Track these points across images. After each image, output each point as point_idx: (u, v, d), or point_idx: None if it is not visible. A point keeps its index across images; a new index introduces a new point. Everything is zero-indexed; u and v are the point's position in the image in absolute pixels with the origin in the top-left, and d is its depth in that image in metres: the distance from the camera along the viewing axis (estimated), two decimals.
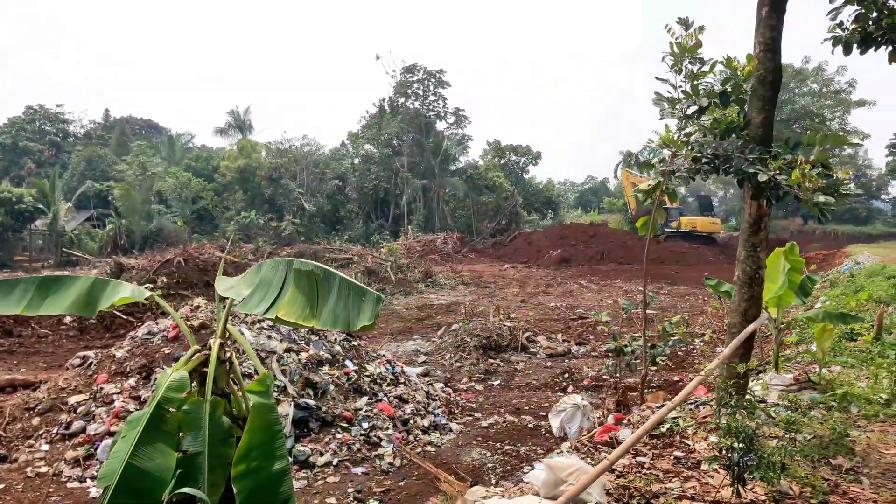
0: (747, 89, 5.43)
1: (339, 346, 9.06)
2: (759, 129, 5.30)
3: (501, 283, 27.47)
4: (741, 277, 5.57)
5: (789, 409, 5.34)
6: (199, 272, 18.98)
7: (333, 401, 8.15)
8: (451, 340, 13.94)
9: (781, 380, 6.72)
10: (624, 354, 7.65)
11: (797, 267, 6.89)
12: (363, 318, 3.05)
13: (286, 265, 3.38)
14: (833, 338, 7.35)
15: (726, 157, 5.02)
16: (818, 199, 4.42)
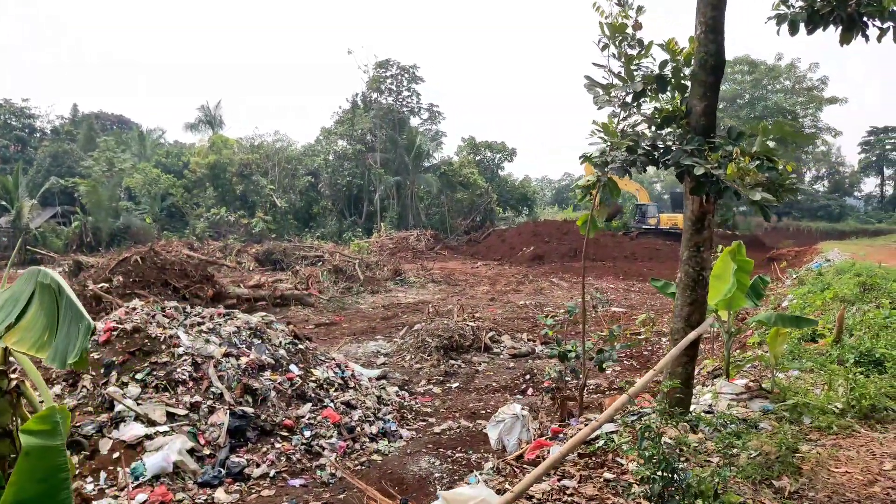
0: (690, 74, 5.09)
1: (283, 350, 8.64)
2: (700, 118, 4.96)
3: (473, 280, 27.15)
4: (684, 279, 5.24)
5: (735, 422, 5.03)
6: (157, 271, 18.36)
7: (274, 408, 7.73)
8: (413, 341, 13.55)
9: (732, 387, 6.43)
10: (567, 360, 7.30)
11: (745, 268, 6.59)
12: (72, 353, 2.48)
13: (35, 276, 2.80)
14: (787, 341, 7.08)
15: (665, 148, 4.68)
16: (754, 196, 4.10)
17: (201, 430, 7.13)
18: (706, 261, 5.18)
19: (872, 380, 6.25)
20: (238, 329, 8.52)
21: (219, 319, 8.68)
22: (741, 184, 4.13)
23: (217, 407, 7.34)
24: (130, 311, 8.43)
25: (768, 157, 4.52)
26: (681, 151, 4.49)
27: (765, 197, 4.07)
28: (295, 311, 19.11)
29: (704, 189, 4.48)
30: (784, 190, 4.48)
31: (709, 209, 5.00)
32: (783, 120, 7.36)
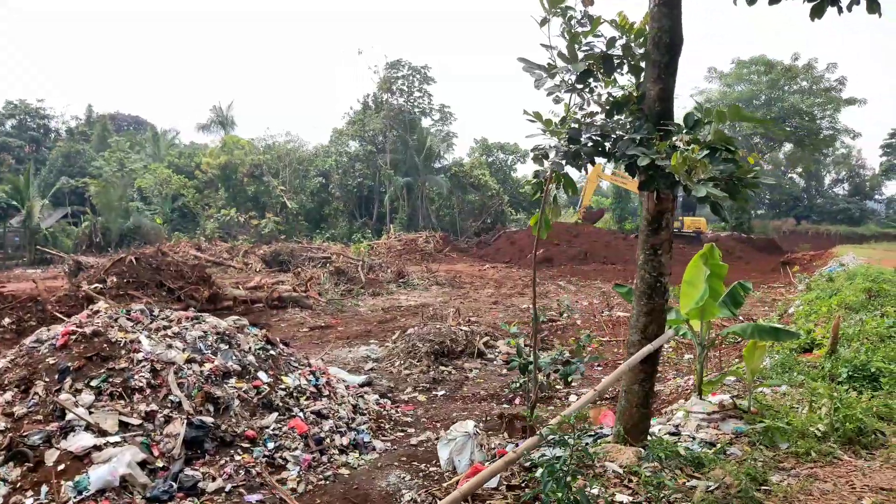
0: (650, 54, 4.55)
1: (252, 356, 8.23)
2: (655, 104, 4.46)
3: (478, 283, 26.67)
4: (640, 286, 4.76)
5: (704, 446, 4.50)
6: (152, 272, 18.11)
7: (237, 418, 7.32)
8: (403, 346, 13.11)
9: (704, 406, 5.89)
10: (529, 372, 6.80)
11: (719, 273, 6.05)
12: None
13: None
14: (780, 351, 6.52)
15: (617, 138, 4.20)
16: (699, 192, 3.61)
17: (155, 440, 6.73)
18: (664, 265, 4.68)
19: (862, 398, 5.70)
20: (205, 334, 8.13)
21: (186, 323, 8.29)
22: (686, 177, 3.65)
23: (174, 416, 6.94)
24: (93, 314, 8.07)
25: (728, 148, 4.02)
26: (628, 141, 4.00)
27: (712, 193, 3.58)
28: (292, 314, 18.76)
29: (654, 184, 3.99)
30: (745, 185, 3.98)
31: (667, 207, 4.51)
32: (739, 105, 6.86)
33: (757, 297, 20.45)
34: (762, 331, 6.11)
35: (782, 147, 53.74)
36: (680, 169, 3.68)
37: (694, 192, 3.68)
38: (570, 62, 4.39)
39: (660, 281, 4.67)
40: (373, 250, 35.12)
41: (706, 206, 4.19)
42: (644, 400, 4.96)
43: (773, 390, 6.52)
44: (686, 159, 3.65)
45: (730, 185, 3.91)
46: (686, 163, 3.65)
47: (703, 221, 41.65)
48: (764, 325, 6.43)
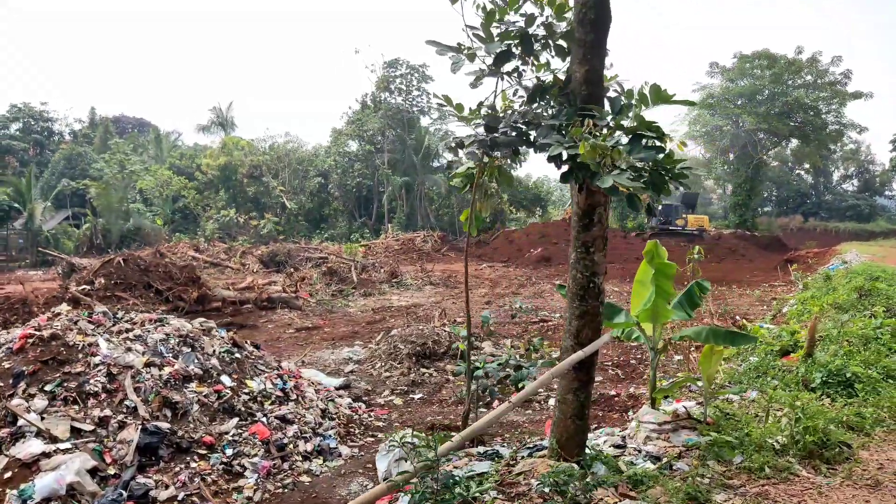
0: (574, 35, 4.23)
1: (216, 358, 8.05)
2: (582, 87, 4.17)
3: (473, 283, 26.43)
4: (572, 287, 4.52)
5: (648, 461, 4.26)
6: (140, 273, 17.99)
7: (195, 423, 7.15)
8: (386, 348, 12.92)
9: (656, 416, 5.62)
10: (476, 378, 6.55)
11: (667, 272, 5.79)
12: None
13: None
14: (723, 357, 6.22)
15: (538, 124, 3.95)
16: (605, 182, 3.38)
17: (108, 447, 6.57)
18: (598, 264, 4.44)
19: (835, 406, 5.43)
20: (167, 336, 7.96)
21: (149, 326, 8.13)
22: (595, 166, 3.42)
23: (129, 422, 6.77)
24: (53, 317, 7.92)
25: (658, 136, 3.77)
26: (547, 128, 3.75)
27: (620, 183, 3.34)
28: (280, 315, 18.60)
29: (575, 175, 3.74)
30: (671, 176, 3.74)
31: (599, 200, 4.27)
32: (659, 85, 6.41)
33: (756, 297, 20.16)
34: (717, 334, 5.83)
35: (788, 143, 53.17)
36: (589, 157, 3.44)
37: (599, 182, 3.44)
38: (484, 42, 4.12)
39: (593, 281, 4.42)
40: (370, 250, 34.97)
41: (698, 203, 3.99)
42: (579, 411, 4.71)
43: (741, 397, 6.27)
44: (595, 147, 3.42)
45: (655, 176, 3.67)
46: (596, 151, 3.42)
47: (705, 219, 41.19)
48: (719, 328, 6.16)
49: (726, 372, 7.55)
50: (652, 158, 3.62)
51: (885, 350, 7.62)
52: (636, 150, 3.57)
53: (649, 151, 3.65)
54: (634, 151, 3.58)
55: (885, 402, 6.02)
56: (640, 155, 3.57)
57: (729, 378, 7.28)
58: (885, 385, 6.46)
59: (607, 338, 4.89)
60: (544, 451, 5.02)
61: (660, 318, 5.98)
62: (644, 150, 3.63)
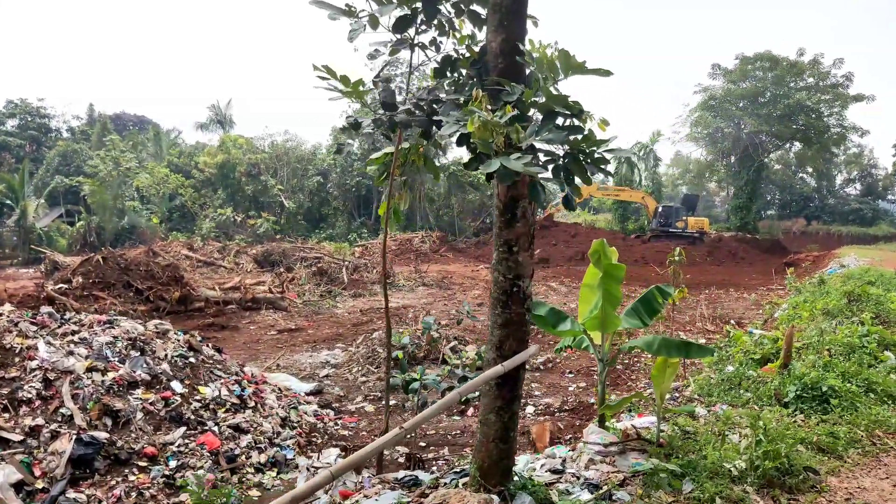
0: None
1: (167, 363, 7.55)
2: (497, 59, 3.67)
3: (469, 284, 25.96)
4: (494, 292, 4.03)
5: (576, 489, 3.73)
6: (120, 272, 17.51)
7: (138, 433, 6.65)
8: (364, 351, 12.43)
9: (603, 436, 5.09)
10: (412, 391, 6.03)
11: (614, 275, 5.26)
12: None
13: None
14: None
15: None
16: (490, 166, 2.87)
17: (38, 458, 6.09)
18: (522, 265, 3.93)
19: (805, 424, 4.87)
20: (114, 339, 7.47)
21: (97, 328, 7.64)
22: (484, 146, 2.91)
23: (63, 431, 6.28)
24: None
25: (574, 113, 3.26)
26: (450, 104, 3.24)
27: (512, 167, 2.82)
28: (264, 316, 18.11)
29: (481, 159, 3.21)
30: (591, 161, 3.22)
31: (522, 192, 3.77)
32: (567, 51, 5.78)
33: (752, 300, 19.62)
34: (669, 346, 5.27)
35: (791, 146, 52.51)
36: (480, 137, 2.94)
37: (484, 167, 2.93)
38: (379, 4, 3.58)
39: (517, 285, 3.91)
40: (367, 250, 34.45)
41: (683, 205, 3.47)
42: (503, 433, 4.20)
43: (708, 411, 5.73)
44: (486, 125, 2.91)
45: (571, 161, 3.15)
46: (487, 129, 2.91)
47: (705, 221, 40.51)
48: (671, 338, 5.58)
49: (698, 382, 7.01)
50: (561, 139, 3.10)
51: (869, 360, 7.08)
52: (545, 130, 3.05)
53: (560, 132, 3.13)
54: (543, 131, 3.06)
55: (862, 420, 5.48)
56: (548, 135, 3.05)
57: (699, 389, 6.74)
58: (865, 400, 5.94)
59: (533, 350, 4.35)
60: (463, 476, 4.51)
61: (609, 327, 5.43)
62: (556, 129, 3.11)
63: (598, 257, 5.35)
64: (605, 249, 5.29)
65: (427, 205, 46.17)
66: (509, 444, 4.26)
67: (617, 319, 5.38)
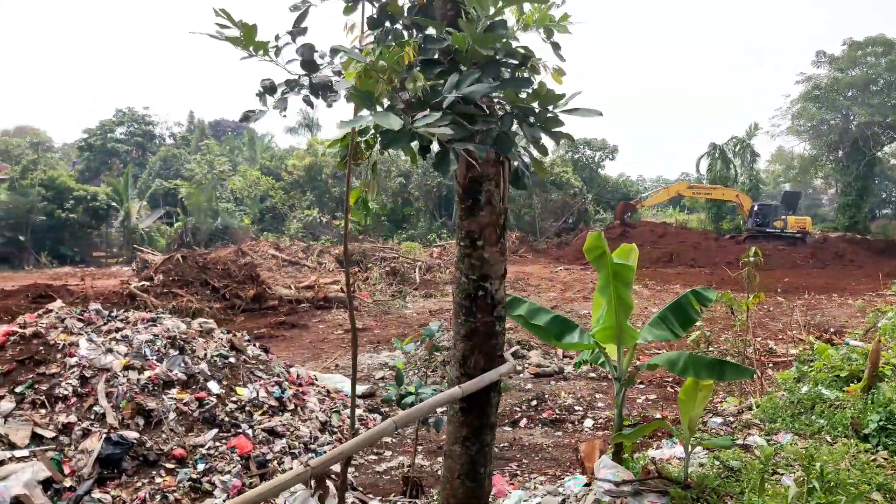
0: None
1: (206, 363, 7.46)
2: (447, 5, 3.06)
3: (544, 286, 25.22)
4: (456, 296, 3.47)
5: None
6: (199, 270, 18.04)
7: (169, 433, 6.57)
8: (424, 354, 12.10)
9: (616, 472, 4.38)
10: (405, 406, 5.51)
11: (623, 277, 4.56)
12: None
13: None
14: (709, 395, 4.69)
15: None
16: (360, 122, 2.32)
17: (68, 456, 6.09)
18: (489, 263, 3.34)
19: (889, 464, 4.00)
20: (154, 337, 7.45)
21: (140, 325, 7.66)
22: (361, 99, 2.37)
23: (94, 429, 6.27)
24: (43, 313, 7.58)
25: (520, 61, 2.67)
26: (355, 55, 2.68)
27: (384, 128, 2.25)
28: (335, 315, 18.19)
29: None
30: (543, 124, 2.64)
31: (487, 172, 3.19)
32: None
33: (857, 307, 17.95)
34: (698, 364, 4.48)
35: None
36: (365, 87, 2.40)
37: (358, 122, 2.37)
38: None
39: (483, 287, 3.32)
40: (445, 250, 34.31)
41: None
42: (470, 469, 3.63)
43: (769, 441, 4.92)
44: (369, 71, 2.35)
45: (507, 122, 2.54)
46: (372, 77, 2.35)
47: (807, 221, 37.58)
48: (701, 356, 4.78)
49: (761, 404, 6.15)
50: (483, 92, 2.49)
51: None
52: (468, 81, 2.45)
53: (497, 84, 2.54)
54: (465, 83, 2.47)
55: None
56: (474, 88, 2.46)
57: (763, 413, 5.91)
58: None
59: (506, 368, 3.73)
60: None
61: (626, 340, 4.72)
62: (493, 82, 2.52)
63: (598, 255, 4.65)
64: (602, 244, 4.63)
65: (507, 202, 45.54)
66: (479, 483, 3.68)
67: (633, 331, 4.74)
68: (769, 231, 36.48)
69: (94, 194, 41.46)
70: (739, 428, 5.80)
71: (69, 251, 39.26)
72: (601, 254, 4.63)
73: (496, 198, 3.31)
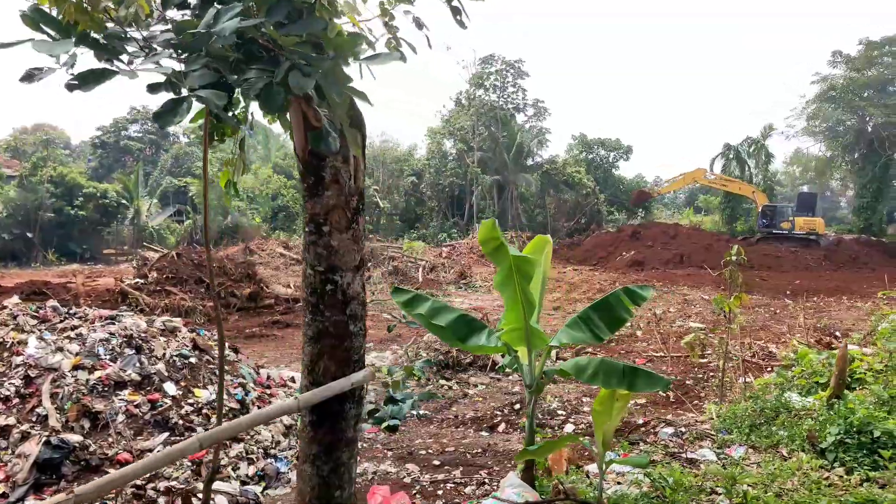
0: None
1: (164, 363, 7.12)
2: None
3: (551, 286, 24.73)
4: (305, 294, 3.07)
5: None
6: (193, 268, 17.80)
7: (117, 437, 6.23)
8: (411, 355, 11.75)
9: (522, 492, 3.92)
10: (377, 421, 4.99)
11: (525, 271, 4.08)
12: None
13: None
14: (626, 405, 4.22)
15: None
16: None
17: (4, 461, 5.77)
18: (338, 253, 2.93)
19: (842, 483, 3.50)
20: (110, 336, 7.13)
21: (97, 323, 7.35)
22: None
23: (34, 433, 5.95)
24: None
25: None
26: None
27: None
28: None
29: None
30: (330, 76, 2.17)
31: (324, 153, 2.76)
32: None
33: (865, 310, 17.31)
34: (609, 372, 4.01)
35: None
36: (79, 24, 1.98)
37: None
38: None
39: (331, 280, 2.89)
40: (454, 250, 33.94)
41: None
42: (322, 492, 3.21)
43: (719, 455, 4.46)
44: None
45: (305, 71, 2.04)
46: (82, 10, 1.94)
47: (818, 222, 36.44)
48: (614, 363, 4.23)
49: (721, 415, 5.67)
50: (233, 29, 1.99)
51: None
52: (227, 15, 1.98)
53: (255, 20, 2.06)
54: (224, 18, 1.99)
55: None
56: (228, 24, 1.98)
57: (721, 422, 5.42)
58: None
59: (361, 376, 3.28)
60: None
61: (535, 343, 4.26)
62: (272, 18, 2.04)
63: (494, 247, 4.15)
64: (497, 233, 4.13)
65: (518, 204, 45.10)
66: None
67: (542, 333, 4.30)
68: (776, 232, 35.65)
69: (105, 192, 41.57)
70: (691, 440, 5.34)
71: (78, 248, 39.38)
72: (498, 245, 4.18)
73: (344, 175, 2.88)
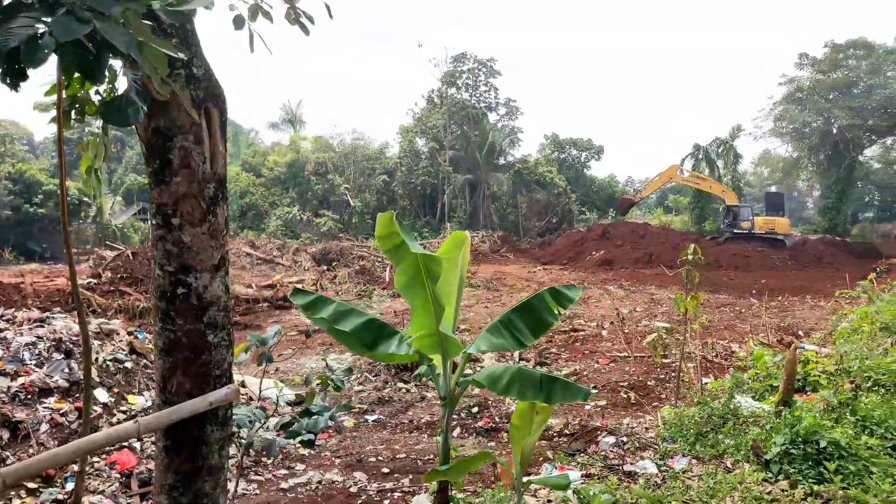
0: None
1: (97, 368, 6.72)
2: None
3: (520, 285, 24.56)
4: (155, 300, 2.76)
5: None
6: (149, 267, 17.24)
7: (39, 448, 5.83)
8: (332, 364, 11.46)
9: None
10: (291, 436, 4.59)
11: (432, 270, 3.86)
12: None
13: None
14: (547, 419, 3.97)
15: None
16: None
17: None
18: (192, 249, 2.62)
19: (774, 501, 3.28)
20: (38, 339, 6.71)
21: (25, 326, 6.92)
22: None
23: None
24: None
25: None
26: None
27: None
28: (293, 315, 17.42)
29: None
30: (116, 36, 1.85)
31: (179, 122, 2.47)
32: None
33: (828, 309, 17.39)
34: (525, 382, 3.75)
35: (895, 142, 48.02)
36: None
37: None
38: None
39: (183, 283, 2.57)
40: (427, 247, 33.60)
41: None
42: None
43: (659, 467, 4.25)
44: None
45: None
46: None
47: (779, 221, 36.54)
48: (530, 372, 3.90)
49: (668, 422, 5.47)
50: None
51: None
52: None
53: None
54: None
55: (874, 497, 3.73)
56: None
57: (668, 430, 5.21)
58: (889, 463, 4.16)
59: (222, 394, 2.93)
60: None
61: (449, 351, 4.00)
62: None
63: (395, 244, 3.86)
64: (395, 228, 3.84)
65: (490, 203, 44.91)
66: None
67: (455, 340, 4.03)
68: (737, 232, 35.95)
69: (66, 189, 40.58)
70: (632, 450, 5.12)
71: (38, 247, 38.31)
72: (399, 243, 3.90)
73: (196, 159, 2.57)
